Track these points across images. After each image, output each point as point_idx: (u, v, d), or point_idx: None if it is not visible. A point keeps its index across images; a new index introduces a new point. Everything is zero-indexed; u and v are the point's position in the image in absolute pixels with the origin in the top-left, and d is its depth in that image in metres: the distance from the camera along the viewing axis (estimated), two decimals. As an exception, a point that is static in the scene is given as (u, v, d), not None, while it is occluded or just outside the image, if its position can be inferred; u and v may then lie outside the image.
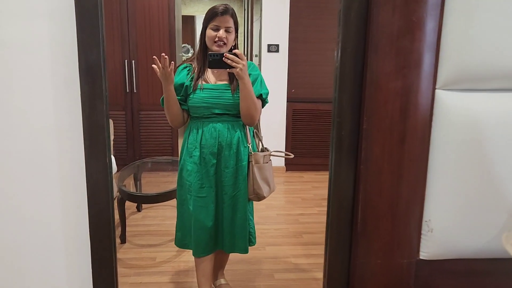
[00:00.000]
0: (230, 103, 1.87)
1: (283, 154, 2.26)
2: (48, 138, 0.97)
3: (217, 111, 1.88)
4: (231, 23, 1.84)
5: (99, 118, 0.95)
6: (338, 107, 1.00)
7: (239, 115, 1.90)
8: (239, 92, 1.82)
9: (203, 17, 1.92)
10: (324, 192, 4.28)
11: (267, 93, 1.95)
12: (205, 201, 1.94)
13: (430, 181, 1.04)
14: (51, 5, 0.95)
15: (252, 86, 1.84)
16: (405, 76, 0.95)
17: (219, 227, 2.02)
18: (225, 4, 1.86)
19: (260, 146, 2.10)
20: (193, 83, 1.87)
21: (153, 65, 1.77)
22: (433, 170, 1.03)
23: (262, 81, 1.94)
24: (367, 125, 0.98)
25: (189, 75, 1.92)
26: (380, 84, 0.94)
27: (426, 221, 1.04)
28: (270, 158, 2.08)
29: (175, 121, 1.95)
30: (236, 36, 1.92)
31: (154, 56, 1.78)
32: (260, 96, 1.90)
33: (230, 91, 1.87)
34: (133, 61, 4.50)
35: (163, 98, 1.92)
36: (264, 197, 2.00)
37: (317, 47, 5.24)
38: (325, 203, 3.80)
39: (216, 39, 1.83)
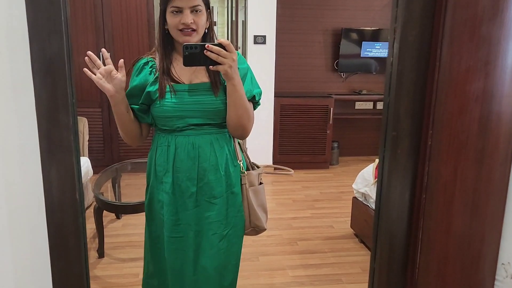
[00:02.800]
0: (213, 110, 1.39)
1: (282, 171, 1.82)
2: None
3: (195, 121, 1.39)
4: (198, 0, 1.34)
5: (63, 137, 0.66)
6: (393, 117, 0.74)
7: (225, 124, 1.43)
8: (224, 93, 1.37)
9: None
10: (316, 193, 4.10)
11: (260, 93, 1.49)
12: (182, 244, 1.45)
13: (509, 213, 0.80)
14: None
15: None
16: (488, 75, 0.70)
17: (200, 277, 1.47)
18: None
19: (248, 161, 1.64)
20: (158, 86, 1.38)
21: (85, 69, 1.29)
22: None
23: (252, 77, 1.47)
24: (433, 141, 0.73)
25: (152, 75, 1.41)
26: (454, 86, 0.69)
27: (503, 264, 0.80)
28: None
29: (131, 139, 1.48)
30: (209, 15, 1.41)
31: (88, 51, 1.29)
32: (252, 98, 1.44)
33: (211, 92, 1.39)
34: (109, 54, 4.14)
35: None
36: (264, 229, 1.55)
37: (306, 38, 5.00)
38: (318, 205, 3.60)
39: (181, 25, 1.33)
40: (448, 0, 0.68)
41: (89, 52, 1.29)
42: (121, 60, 1.33)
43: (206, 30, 1.42)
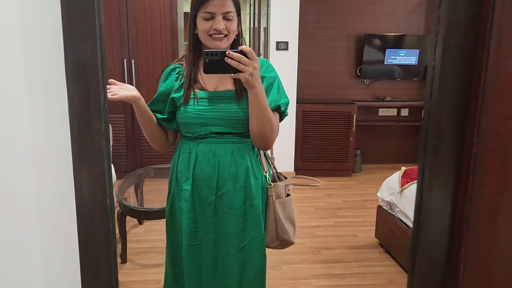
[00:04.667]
0: (236, 118, 1.36)
1: (310, 182, 1.71)
2: (23, 172, 0.68)
3: (217, 129, 1.37)
4: (230, 6, 1.32)
5: (95, 142, 0.65)
6: (434, 124, 0.70)
7: (248, 134, 1.39)
8: (247, 102, 1.33)
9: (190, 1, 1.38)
10: (338, 201, 4.03)
11: (287, 103, 1.43)
12: (200, 252, 1.43)
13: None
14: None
15: (267, 94, 1.33)
16: (539, 79, 0.66)
17: (219, 284, 1.45)
18: None
19: (274, 172, 1.59)
20: (183, 92, 1.38)
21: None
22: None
23: (280, 86, 1.42)
24: (478, 149, 0.69)
25: (178, 81, 1.42)
26: (502, 91, 0.65)
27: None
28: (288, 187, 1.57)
29: (157, 145, 1.49)
30: (239, 22, 1.39)
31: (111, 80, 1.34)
32: (277, 108, 1.39)
33: (235, 100, 1.36)
34: (132, 60, 4.21)
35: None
36: (292, 243, 1.50)
37: (329, 44, 4.96)
38: (341, 213, 3.53)
39: (212, 31, 1.32)
40: (496, 0, 0.65)
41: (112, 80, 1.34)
42: (111, 80, 1.35)
43: (236, 37, 1.39)
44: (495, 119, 0.66)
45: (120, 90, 1.33)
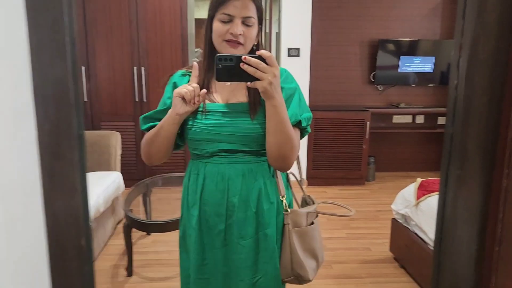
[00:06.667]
0: (249, 135, 1.20)
1: (339, 211, 1.37)
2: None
3: (226, 147, 1.22)
4: (252, 11, 1.17)
5: (67, 174, 0.57)
6: (458, 153, 0.61)
7: (262, 152, 1.23)
8: (263, 116, 1.18)
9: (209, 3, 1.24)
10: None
11: (310, 118, 1.27)
12: (208, 286, 1.29)
13: None
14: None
15: (286, 107, 1.16)
16: None
17: None
18: None
19: (301, 196, 1.41)
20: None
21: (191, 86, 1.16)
22: None
23: (301, 99, 1.26)
24: (510, 182, 0.59)
25: None
26: (538, 115, 0.56)
27: None
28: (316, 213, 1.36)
29: (157, 157, 1.29)
30: (260, 31, 1.25)
31: (194, 62, 1.21)
32: (298, 124, 1.23)
33: (248, 115, 1.21)
34: (142, 68, 4.17)
35: (144, 117, 1.29)
36: (308, 280, 1.30)
37: (341, 50, 4.86)
38: (354, 224, 3.41)
39: (228, 36, 1.17)
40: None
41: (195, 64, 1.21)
42: (204, 90, 1.18)
43: (254, 47, 1.25)
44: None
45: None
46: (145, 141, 1.28)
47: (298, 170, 1.46)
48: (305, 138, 4.56)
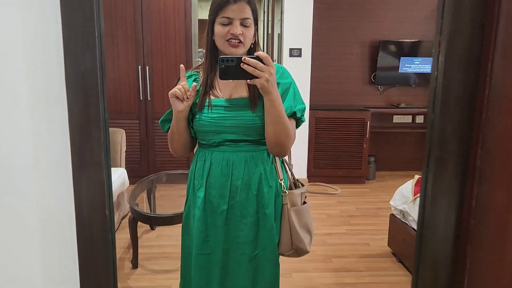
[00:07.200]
0: (250, 126, 1.36)
1: (327, 190, 1.61)
2: (24, 181, 0.69)
3: (231, 137, 1.38)
4: (248, 13, 1.34)
5: (94, 153, 0.66)
6: (438, 136, 0.69)
7: (262, 141, 1.39)
8: (262, 109, 1.33)
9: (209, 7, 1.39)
10: (351, 208, 3.98)
11: (303, 109, 1.42)
12: (209, 261, 1.43)
13: None
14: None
15: (282, 100, 1.33)
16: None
17: None
18: None
19: (291, 179, 1.57)
20: (199, 99, 1.39)
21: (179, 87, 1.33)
22: None
23: (296, 92, 1.42)
24: (483, 162, 0.67)
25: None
26: (507, 103, 0.64)
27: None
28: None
29: (180, 151, 1.48)
30: (256, 31, 1.41)
31: (181, 65, 1.39)
32: (293, 115, 1.39)
33: (249, 108, 1.36)
34: (147, 67, 4.26)
35: (162, 121, 1.49)
36: (307, 252, 1.47)
37: (342, 51, 4.93)
38: (354, 221, 3.48)
39: (229, 35, 1.33)
40: (501, 10, 0.63)
41: (182, 65, 1.38)
42: (194, 83, 1.36)
43: (252, 45, 1.41)
44: (500, 132, 0.65)
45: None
46: (168, 140, 1.47)
47: (289, 157, 1.60)
48: (306, 137, 4.64)
